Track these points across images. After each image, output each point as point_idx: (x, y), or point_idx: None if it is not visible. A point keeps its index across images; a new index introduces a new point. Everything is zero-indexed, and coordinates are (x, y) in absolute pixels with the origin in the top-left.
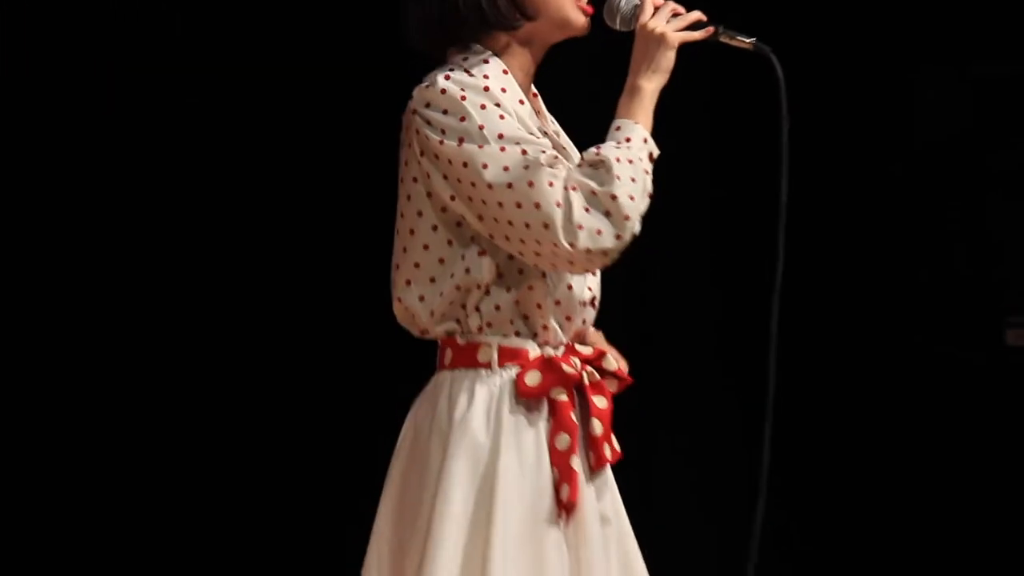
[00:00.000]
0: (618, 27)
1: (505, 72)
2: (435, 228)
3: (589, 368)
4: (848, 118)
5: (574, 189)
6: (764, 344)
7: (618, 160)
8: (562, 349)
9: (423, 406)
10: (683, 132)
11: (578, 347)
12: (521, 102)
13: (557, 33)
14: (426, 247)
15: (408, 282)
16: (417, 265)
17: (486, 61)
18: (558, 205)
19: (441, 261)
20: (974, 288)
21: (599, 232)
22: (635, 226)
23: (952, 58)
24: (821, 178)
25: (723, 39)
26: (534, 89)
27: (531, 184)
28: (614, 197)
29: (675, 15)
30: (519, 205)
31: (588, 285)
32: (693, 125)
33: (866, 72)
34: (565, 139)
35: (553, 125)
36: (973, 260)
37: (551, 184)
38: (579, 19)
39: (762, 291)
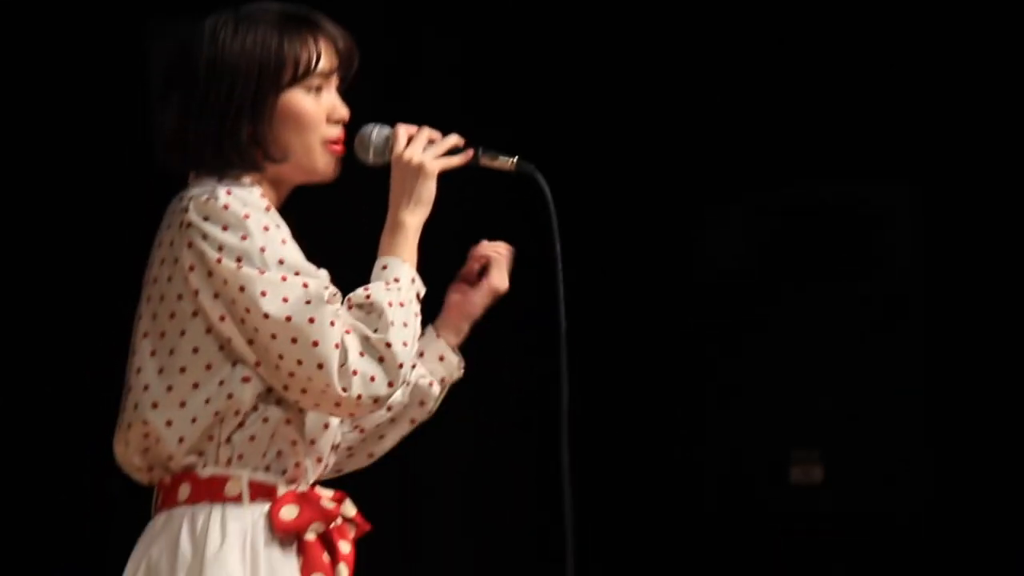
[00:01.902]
0: (371, 161)
1: (262, 196)
2: (196, 350)
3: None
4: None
5: (349, 332)
6: (556, 476)
7: (390, 304)
8: (305, 488)
9: (156, 545)
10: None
11: (319, 490)
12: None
13: (302, 176)
14: (183, 370)
15: (156, 404)
16: (170, 388)
17: (245, 185)
18: (336, 347)
19: (195, 386)
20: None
21: (372, 379)
22: (407, 373)
23: (731, 192)
24: (593, 301)
25: (484, 162)
26: None
27: (312, 321)
28: (389, 345)
29: (431, 142)
30: (294, 340)
31: (342, 430)
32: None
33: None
34: None
35: None
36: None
37: (332, 324)
38: (328, 168)
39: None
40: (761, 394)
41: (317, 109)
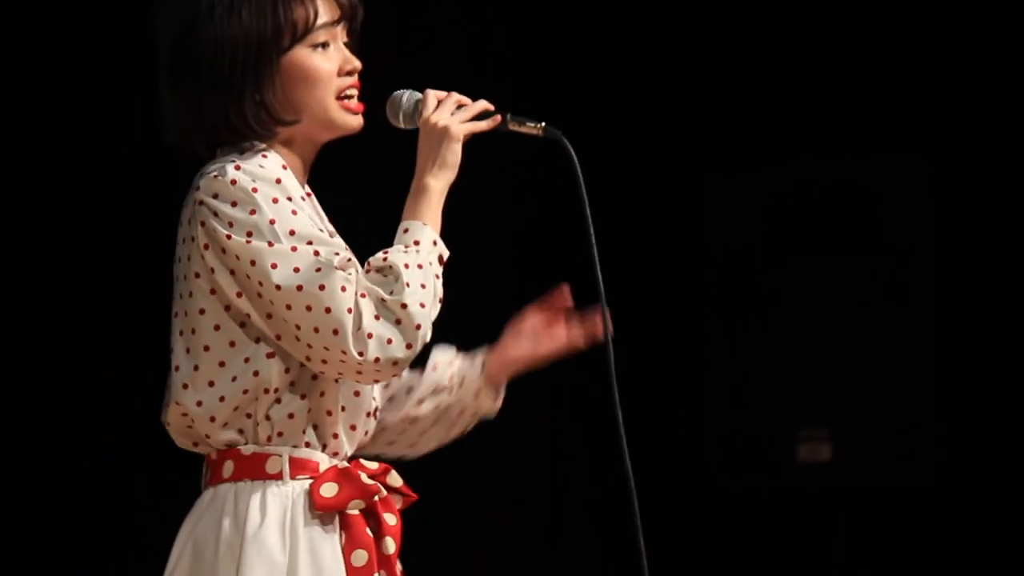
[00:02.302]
0: (402, 125)
1: (284, 167)
2: (217, 328)
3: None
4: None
5: (364, 296)
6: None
7: (407, 266)
8: (346, 463)
9: (202, 522)
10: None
11: (363, 461)
12: (303, 198)
13: (325, 133)
14: (207, 348)
15: (185, 386)
16: (197, 368)
17: (264, 155)
18: (349, 311)
19: (222, 364)
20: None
21: (389, 341)
22: (426, 335)
23: (739, 170)
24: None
25: (512, 127)
26: (308, 188)
27: (322, 288)
28: (404, 306)
29: (460, 106)
30: (308, 308)
31: (373, 395)
32: (494, 214)
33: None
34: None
35: (329, 225)
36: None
37: (343, 289)
38: (345, 120)
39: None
40: (768, 372)
41: (326, 64)
